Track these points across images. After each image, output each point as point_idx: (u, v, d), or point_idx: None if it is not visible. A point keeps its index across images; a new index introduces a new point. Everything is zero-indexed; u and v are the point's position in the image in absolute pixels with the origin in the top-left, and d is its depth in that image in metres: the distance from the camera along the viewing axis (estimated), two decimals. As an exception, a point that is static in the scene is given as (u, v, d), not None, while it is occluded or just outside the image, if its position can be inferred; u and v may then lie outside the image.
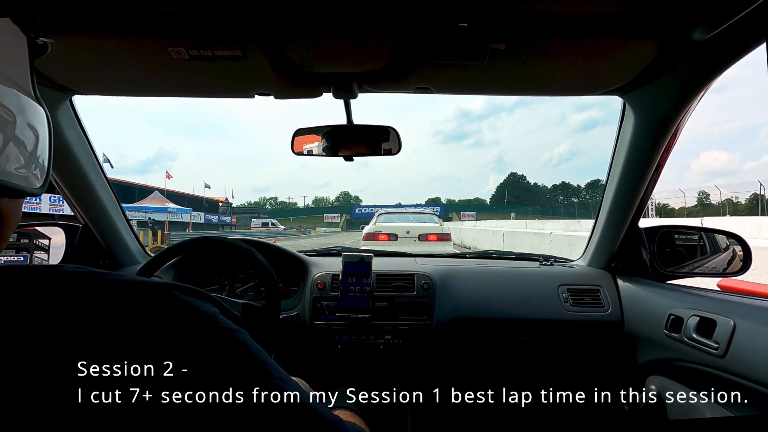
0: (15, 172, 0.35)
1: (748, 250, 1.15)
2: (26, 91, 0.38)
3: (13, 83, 0.36)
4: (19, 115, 0.36)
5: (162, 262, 1.14)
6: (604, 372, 1.34)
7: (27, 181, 0.37)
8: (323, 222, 59.92)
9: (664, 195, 35.82)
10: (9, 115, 0.34)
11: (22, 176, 0.36)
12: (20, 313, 0.30)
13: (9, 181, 0.34)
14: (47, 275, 0.33)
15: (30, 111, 0.38)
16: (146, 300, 0.33)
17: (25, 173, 0.36)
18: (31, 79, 0.39)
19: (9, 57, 0.37)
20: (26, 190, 0.37)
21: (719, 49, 0.79)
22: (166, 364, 0.30)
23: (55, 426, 0.28)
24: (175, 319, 0.33)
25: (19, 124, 0.36)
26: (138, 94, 1.09)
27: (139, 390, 0.29)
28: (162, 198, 30.65)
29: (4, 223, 0.37)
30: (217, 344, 0.33)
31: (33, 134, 0.38)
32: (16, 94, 0.36)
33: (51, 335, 0.29)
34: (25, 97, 0.37)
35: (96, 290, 0.33)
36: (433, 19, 0.74)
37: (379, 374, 1.35)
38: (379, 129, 1.14)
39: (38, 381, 0.28)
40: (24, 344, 0.29)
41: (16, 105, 0.35)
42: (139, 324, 0.32)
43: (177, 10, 0.73)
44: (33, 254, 1.29)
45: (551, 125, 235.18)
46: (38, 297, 0.31)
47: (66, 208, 8.68)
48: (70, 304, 0.31)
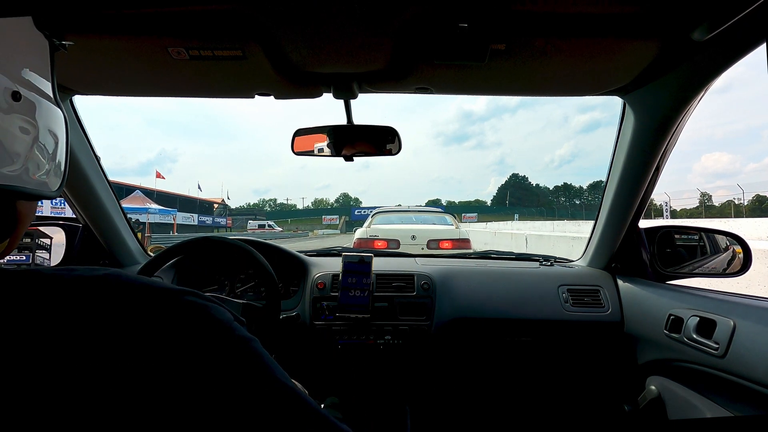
0: (36, 178, 0.35)
1: (748, 250, 1.14)
2: (47, 96, 0.38)
3: (37, 89, 0.36)
4: (41, 121, 0.36)
5: (162, 263, 1.14)
6: (604, 372, 1.34)
7: (45, 185, 0.37)
8: (321, 224, 59.86)
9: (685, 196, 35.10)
10: (33, 124, 0.35)
11: (41, 180, 0.36)
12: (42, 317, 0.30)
13: (29, 187, 0.34)
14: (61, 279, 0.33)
15: (51, 116, 0.38)
16: (160, 304, 0.33)
17: (45, 178, 0.37)
18: (52, 82, 0.39)
19: (33, 62, 0.37)
20: (44, 193, 0.37)
21: (719, 49, 0.80)
22: (177, 371, 0.30)
23: (70, 427, 0.28)
24: (190, 326, 0.33)
25: (41, 130, 0.36)
26: (138, 94, 1.09)
27: (148, 396, 0.29)
28: (143, 198, 28.59)
29: (20, 223, 0.37)
30: (231, 353, 0.33)
31: (53, 139, 0.38)
32: (40, 100, 0.36)
33: (61, 338, 0.29)
34: (47, 102, 0.37)
35: (110, 293, 0.32)
36: (433, 19, 0.74)
37: (380, 374, 1.35)
38: (380, 129, 1.14)
39: (53, 382, 0.28)
40: (43, 345, 0.29)
41: (39, 112, 0.35)
42: (151, 328, 0.31)
43: (177, 10, 0.73)
44: (35, 254, 1.30)
45: (554, 126, 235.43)
46: (51, 301, 0.31)
47: (67, 212, 8.68)
48: (84, 307, 0.31)
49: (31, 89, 0.35)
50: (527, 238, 10.83)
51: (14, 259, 1.29)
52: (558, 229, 12.49)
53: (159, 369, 0.30)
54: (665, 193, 27.04)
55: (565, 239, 8.97)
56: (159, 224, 27.49)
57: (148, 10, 0.73)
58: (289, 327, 1.26)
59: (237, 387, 0.31)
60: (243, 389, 0.32)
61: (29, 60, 0.37)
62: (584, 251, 1.48)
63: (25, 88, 0.34)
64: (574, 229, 10.92)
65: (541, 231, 12.01)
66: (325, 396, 0.94)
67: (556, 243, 9.14)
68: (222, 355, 0.33)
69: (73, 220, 1.36)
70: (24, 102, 0.34)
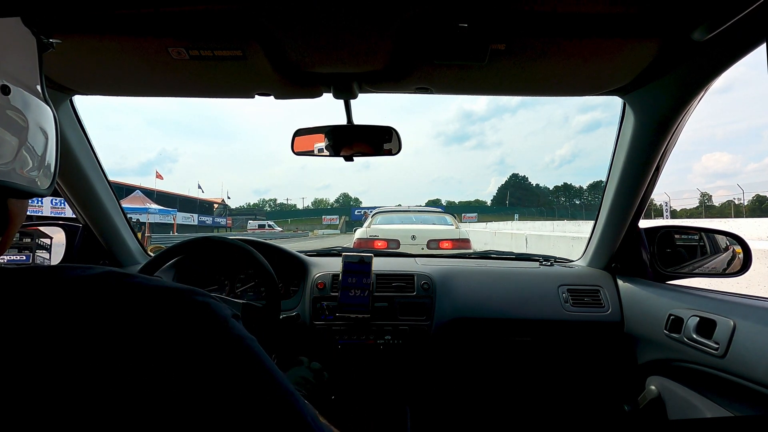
0: (25, 174, 0.35)
1: (748, 250, 1.14)
2: (36, 93, 0.38)
3: (25, 85, 0.36)
4: (30, 117, 0.36)
5: (162, 262, 1.14)
6: (604, 372, 1.34)
7: (35, 183, 0.37)
8: (321, 224, 59.85)
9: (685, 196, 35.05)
10: (22, 120, 0.35)
11: (31, 178, 0.36)
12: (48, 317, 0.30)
13: (18, 183, 0.34)
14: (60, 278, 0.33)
15: (39, 113, 0.38)
16: (159, 302, 0.33)
17: (35, 175, 0.37)
18: (40, 80, 0.39)
19: (20, 59, 0.37)
20: (34, 191, 0.37)
21: (719, 49, 0.80)
22: (175, 368, 0.30)
23: (69, 426, 0.28)
24: (188, 322, 0.33)
25: (31, 127, 0.36)
26: (138, 95, 1.09)
27: (146, 393, 0.29)
28: (143, 198, 28.50)
29: (11, 222, 0.37)
30: (227, 350, 0.33)
31: (43, 136, 0.38)
32: (28, 96, 0.36)
33: (60, 336, 0.29)
34: (36, 99, 0.37)
35: (108, 290, 0.32)
36: (433, 19, 0.74)
37: (379, 374, 1.35)
38: (380, 129, 1.14)
39: (52, 381, 0.28)
40: (41, 343, 0.29)
41: (27, 108, 0.35)
42: (150, 326, 0.31)
43: (177, 10, 0.73)
44: (35, 253, 1.30)
45: (554, 126, 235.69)
46: (50, 299, 0.31)
47: (67, 212, 8.57)
48: (82, 306, 0.31)
49: (19, 85, 0.35)
50: (527, 238, 10.84)
51: (14, 258, 1.29)
52: (558, 229, 12.47)
53: (157, 366, 0.30)
54: (665, 193, 27.03)
55: (565, 239, 8.94)
56: (159, 224, 27.37)
57: (148, 10, 0.73)
58: (289, 327, 1.26)
59: (232, 385, 0.31)
60: (239, 388, 0.31)
61: (17, 56, 0.37)
62: (584, 251, 1.48)
63: (14, 83, 0.34)
64: (574, 229, 10.90)
65: (541, 231, 12.02)
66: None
67: (556, 243, 9.13)
68: (219, 352, 0.32)
69: (73, 220, 1.36)
70: (13, 96, 0.34)
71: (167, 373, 0.30)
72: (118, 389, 0.28)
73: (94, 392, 0.28)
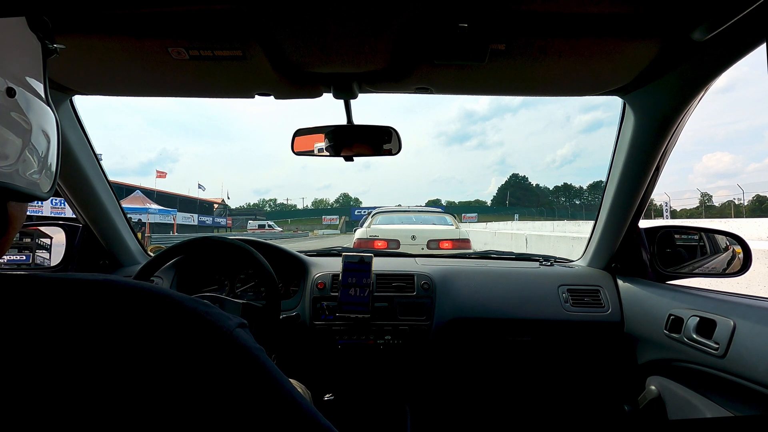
0: (27, 177, 0.35)
1: (748, 250, 1.14)
2: (39, 96, 0.38)
3: (29, 88, 0.36)
4: (33, 120, 0.36)
5: (162, 263, 1.14)
6: (604, 372, 1.34)
7: (37, 186, 0.37)
8: (321, 224, 59.87)
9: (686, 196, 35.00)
10: (26, 122, 0.35)
11: (33, 180, 0.36)
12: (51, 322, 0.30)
13: (20, 186, 0.34)
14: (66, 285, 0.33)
15: (43, 115, 0.38)
16: (161, 310, 0.33)
17: (37, 178, 0.37)
18: (44, 83, 0.39)
19: (25, 61, 0.37)
20: (35, 194, 0.37)
21: (719, 49, 0.80)
22: (176, 379, 0.30)
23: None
24: (190, 333, 0.32)
25: (34, 129, 0.36)
26: (138, 95, 1.09)
27: (146, 402, 0.29)
28: (143, 198, 28.44)
29: (10, 225, 0.37)
30: (232, 361, 0.32)
31: (45, 139, 0.38)
32: (32, 99, 0.36)
33: (59, 344, 0.29)
34: (39, 102, 0.37)
35: (109, 298, 0.32)
36: (433, 19, 0.74)
37: (379, 374, 1.35)
38: (380, 129, 1.14)
39: (51, 388, 0.28)
40: (40, 351, 0.29)
41: (31, 110, 0.35)
42: (151, 335, 0.31)
43: (177, 10, 0.73)
44: (35, 253, 1.30)
45: (555, 127, 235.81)
46: (50, 306, 0.31)
47: (67, 212, 8.54)
48: (82, 313, 0.31)
49: (24, 87, 0.35)
50: (527, 238, 10.81)
51: (14, 259, 1.29)
52: (558, 229, 12.46)
53: (158, 376, 0.29)
54: (665, 193, 27.00)
55: (565, 239, 8.90)
56: (159, 224, 27.32)
57: (148, 10, 0.73)
58: (289, 327, 1.26)
59: (238, 398, 0.31)
60: (245, 400, 0.31)
61: (23, 59, 0.36)
62: (584, 251, 1.48)
63: (19, 86, 0.34)
64: (574, 230, 10.89)
65: (542, 231, 11.99)
66: (324, 394, 0.94)
67: (557, 243, 9.09)
68: (224, 365, 0.32)
69: (73, 220, 1.36)
70: (18, 99, 0.34)
71: (170, 387, 0.29)
72: (117, 398, 0.28)
73: (97, 406, 0.28)
